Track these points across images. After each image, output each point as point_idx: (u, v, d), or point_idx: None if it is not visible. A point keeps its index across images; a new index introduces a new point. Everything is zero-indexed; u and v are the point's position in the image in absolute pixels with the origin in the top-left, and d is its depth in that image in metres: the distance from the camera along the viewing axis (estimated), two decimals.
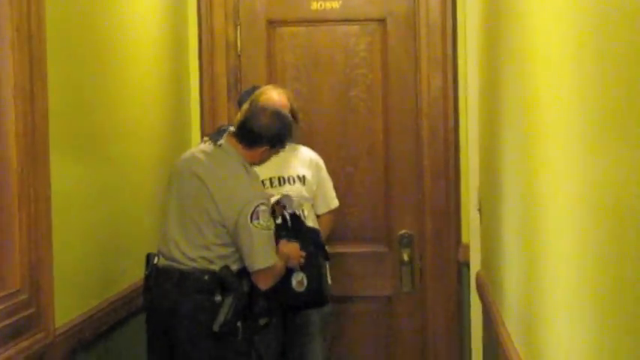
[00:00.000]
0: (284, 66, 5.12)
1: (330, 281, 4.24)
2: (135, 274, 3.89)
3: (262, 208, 3.57)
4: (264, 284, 3.64)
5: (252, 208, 3.54)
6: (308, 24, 5.12)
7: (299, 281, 3.86)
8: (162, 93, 3.99)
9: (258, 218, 3.55)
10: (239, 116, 3.82)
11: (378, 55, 5.10)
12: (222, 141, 3.68)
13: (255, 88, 4.41)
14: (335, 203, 4.50)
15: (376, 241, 5.04)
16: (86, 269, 3.45)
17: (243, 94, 4.51)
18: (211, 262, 3.56)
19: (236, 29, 5.09)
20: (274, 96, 4.27)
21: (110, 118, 3.76)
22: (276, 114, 3.71)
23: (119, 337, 3.79)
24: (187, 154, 3.76)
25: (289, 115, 3.81)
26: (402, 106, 5.08)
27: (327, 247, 4.64)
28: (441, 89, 5.03)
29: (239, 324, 3.53)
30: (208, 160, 3.65)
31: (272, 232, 3.64)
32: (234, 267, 3.58)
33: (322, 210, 4.45)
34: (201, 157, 3.67)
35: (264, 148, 3.68)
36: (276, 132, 3.67)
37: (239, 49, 5.11)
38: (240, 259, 3.59)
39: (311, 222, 4.32)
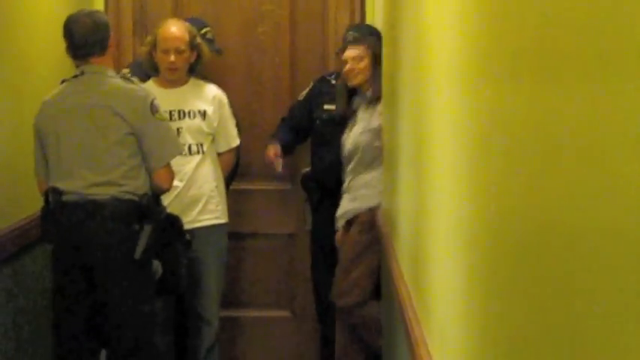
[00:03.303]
0: (190, 0, 5.05)
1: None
2: (21, 211, 3.83)
3: (156, 101, 3.67)
4: (167, 182, 3.72)
5: (149, 103, 3.63)
6: None
7: (154, 269, 3.71)
8: (61, 24, 3.89)
9: (157, 111, 3.67)
10: None
11: None
12: (81, 69, 3.66)
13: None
14: (236, 142, 4.48)
15: (282, 178, 5.05)
16: None
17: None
18: (121, 185, 3.54)
19: None
20: (172, 28, 4.24)
21: (1, 47, 3.67)
22: (78, 17, 3.68)
23: (11, 271, 3.73)
24: (52, 98, 3.68)
25: (86, 14, 3.73)
26: (309, 44, 5.07)
27: (231, 185, 4.66)
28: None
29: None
30: (85, 89, 3.64)
31: None
32: (145, 188, 3.61)
33: (223, 148, 4.44)
34: (74, 91, 3.64)
35: (109, 42, 3.68)
36: (94, 25, 3.64)
37: None
38: (145, 174, 3.62)
39: (209, 158, 4.32)
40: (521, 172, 1.35)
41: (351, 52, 4.40)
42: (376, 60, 4.35)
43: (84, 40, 3.62)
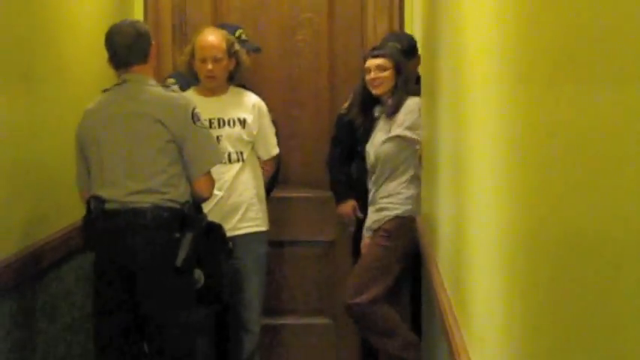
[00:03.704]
0: (230, 9, 5.09)
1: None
2: (63, 219, 3.86)
3: (197, 109, 3.70)
4: (207, 190, 3.73)
5: (191, 111, 3.66)
6: None
7: (196, 278, 3.70)
8: (102, 34, 3.93)
9: (199, 119, 3.69)
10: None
11: None
12: (122, 77, 3.69)
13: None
14: (276, 150, 4.48)
15: (320, 185, 5.05)
16: (9, 212, 3.37)
17: None
18: (163, 193, 3.56)
19: None
20: (209, 37, 4.26)
21: (46, 57, 3.72)
22: (120, 27, 3.71)
23: (47, 284, 3.76)
24: (94, 107, 3.71)
25: (128, 24, 3.75)
26: (348, 51, 5.07)
27: (272, 192, 4.67)
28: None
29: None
30: (127, 97, 3.66)
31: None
32: (186, 196, 3.63)
33: (264, 156, 4.44)
34: (115, 100, 3.67)
35: (150, 51, 3.72)
36: (136, 34, 3.68)
37: None
38: (186, 182, 3.64)
39: (249, 166, 4.33)
40: (561, 179, 1.34)
41: (374, 61, 4.42)
42: (399, 70, 4.36)
43: (126, 49, 3.65)
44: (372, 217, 4.42)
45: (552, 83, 1.40)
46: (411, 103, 4.36)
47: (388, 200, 4.36)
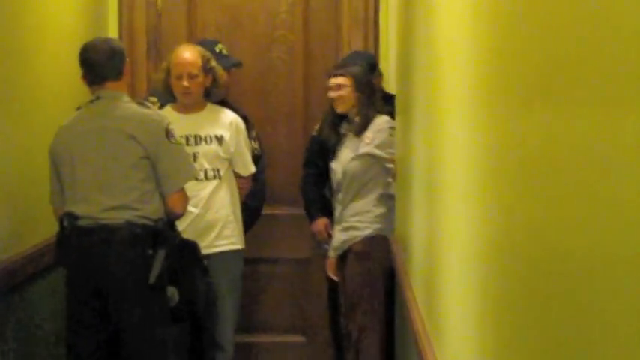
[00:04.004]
0: (204, 26, 5.09)
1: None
2: (37, 235, 3.85)
3: (171, 126, 3.69)
4: (181, 207, 3.71)
5: (164, 127, 3.66)
6: None
7: (170, 296, 3.68)
8: (77, 50, 3.92)
9: (173, 135, 3.68)
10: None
11: (299, 16, 5.09)
12: (97, 94, 3.69)
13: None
14: (252, 169, 4.47)
15: (294, 203, 5.04)
16: None
17: None
18: (136, 209, 3.55)
19: None
20: (184, 54, 4.26)
21: (20, 74, 3.71)
22: (95, 44, 3.73)
23: (20, 299, 3.73)
24: (68, 124, 3.71)
25: (102, 41, 3.79)
26: (323, 68, 5.07)
27: (261, 211, 4.68)
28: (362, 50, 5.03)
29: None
30: (101, 113, 3.65)
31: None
32: (159, 213, 3.62)
33: (243, 174, 4.43)
34: (89, 116, 3.66)
35: (124, 68, 3.72)
36: (110, 51, 3.68)
37: (159, 7, 5.06)
38: (159, 199, 3.63)
39: (226, 184, 4.31)
40: (534, 197, 1.35)
41: (334, 80, 4.47)
42: (363, 89, 4.39)
43: (100, 66, 3.65)
44: (340, 237, 4.40)
45: (525, 102, 1.41)
46: (381, 121, 4.37)
47: (357, 219, 4.35)
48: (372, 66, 4.63)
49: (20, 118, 3.71)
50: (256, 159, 4.56)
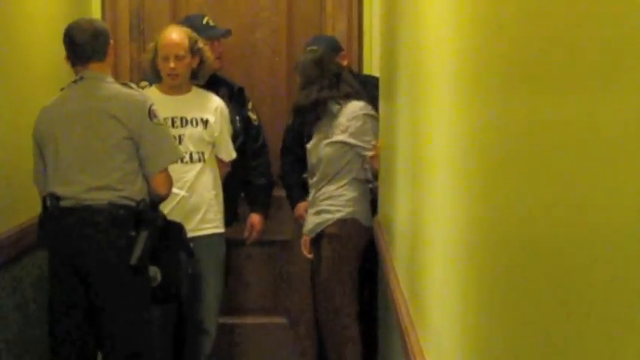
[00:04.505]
0: (188, 7, 5.06)
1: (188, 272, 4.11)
2: (19, 215, 3.84)
3: (154, 107, 3.68)
4: (165, 188, 3.69)
5: (148, 107, 3.64)
6: None
7: (152, 276, 3.70)
8: (60, 31, 3.90)
9: (156, 116, 3.67)
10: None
11: None
12: (80, 74, 3.68)
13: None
14: (233, 155, 4.47)
15: (277, 184, 5.04)
16: None
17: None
18: (118, 190, 3.55)
19: None
20: (171, 34, 4.25)
21: (2, 54, 3.69)
22: (79, 24, 3.73)
23: (2, 279, 3.73)
24: (52, 104, 3.70)
25: (86, 21, 3.80)
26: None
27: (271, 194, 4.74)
28: (346, 33, 5.03)
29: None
30: (84, 94, 3.65)
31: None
32: (142, 194, 3.61)
33: (225, 159, 4.44)
34: (73, 96, 3.66)
35: (108, 49, 3.72)
36: (94, 32, 3.68)
37: None
38: (143, 180, 3.62)
39: (210, 167, 4.32)
40: (517, 179, 1.35)
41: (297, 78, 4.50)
42: (310, 81, 4.40)
43: (84, 47, 3.64)
44: (313, 220, 4.42)
45: (510, 86, 1.41)
46: (355, 108, 4.35)
47: (329, 203, 4.37)
48: (334, 48, 4.61)
49: (4, 100, 3.69)
50: (257, 130, 4.67)
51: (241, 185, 4.68)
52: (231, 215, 4.59)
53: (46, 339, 3.72)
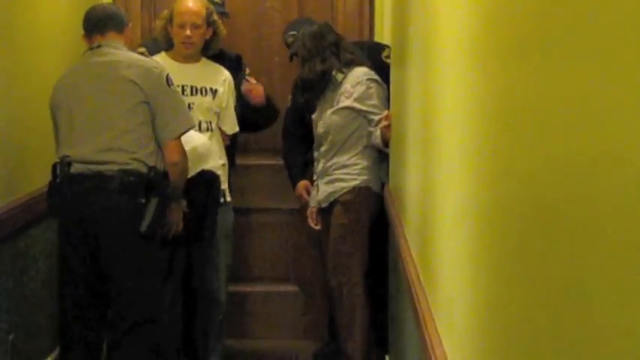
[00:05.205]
0: None
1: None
2: (31, 184, 3.85)
3: (170, 76, 3.71)
4: (178, 155, 3.68)
5: (165, 75, 3.67)
6: None
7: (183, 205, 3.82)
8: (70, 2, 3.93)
9: (172, 84, 3.71)
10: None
11: None
12: (97, 42, 3.71)
13: None
14: (236, 128, 4.47)
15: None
16: None
17: None
18: (131, 152, 3.56)
19: None
20: (189, 3, 4.25)
21: (23, 24, 3.73)
22: (98, 4, 3.88)
23: (13, 248, 3.73)
24: (68, 71, 3.75)
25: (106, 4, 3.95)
26: (318, 18, 5.04)
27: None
28: (358, 3, 5.01)
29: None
30: (101, 60, 3.67)
31: None
32: (154, 160, 3.61)
33: (228, 131, 4.44)
34: (89, 62, 3.70)
35: (126, 26, 3.79)
36: (113, 10, 3.82)
37: None
38: (156, 146, 3.63)
39: (216, 137, 4.33)
40: (529, 147, 1.35)
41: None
42: (306, 58, 4.42)
43: (101, 17, 3.70)
44: (326, 189, 4.43)
45: (523, 54, 1.41)
46: (359, 73, 4.38)
47: (344, 171, 4.38)
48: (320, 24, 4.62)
49: (16, 69, 3.70)
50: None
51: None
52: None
53: (56, 309, 3.74)
